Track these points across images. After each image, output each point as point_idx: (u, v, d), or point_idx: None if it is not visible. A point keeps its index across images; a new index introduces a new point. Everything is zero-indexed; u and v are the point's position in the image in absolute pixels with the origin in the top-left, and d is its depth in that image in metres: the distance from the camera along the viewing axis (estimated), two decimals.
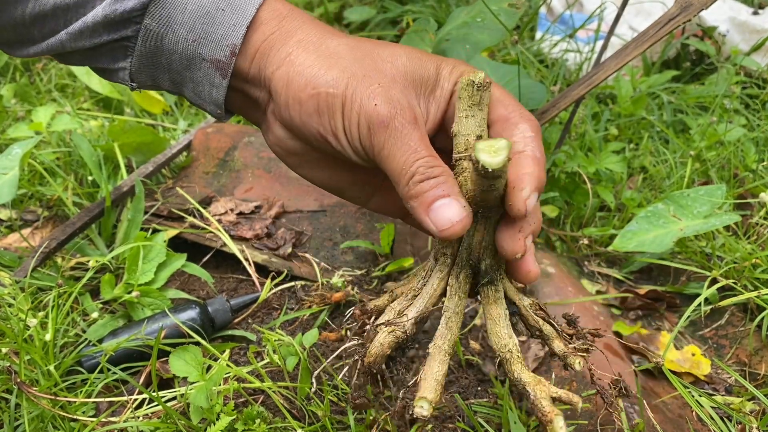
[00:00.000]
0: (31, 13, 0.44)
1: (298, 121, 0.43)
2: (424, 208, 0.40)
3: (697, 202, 0.84)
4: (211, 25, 0.43)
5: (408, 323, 0.45)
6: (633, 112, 1.20)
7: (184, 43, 0.44)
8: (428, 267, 0.48)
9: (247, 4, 0.44)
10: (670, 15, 0.65)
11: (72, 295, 0.73)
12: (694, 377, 0.73)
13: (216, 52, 0.44)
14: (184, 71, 0.45)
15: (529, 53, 1.32)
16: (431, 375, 0.44)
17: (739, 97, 1.23)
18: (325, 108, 0.42)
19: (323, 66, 0.42)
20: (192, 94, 0.47)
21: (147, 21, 0.43)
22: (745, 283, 0.79)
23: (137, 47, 0.44)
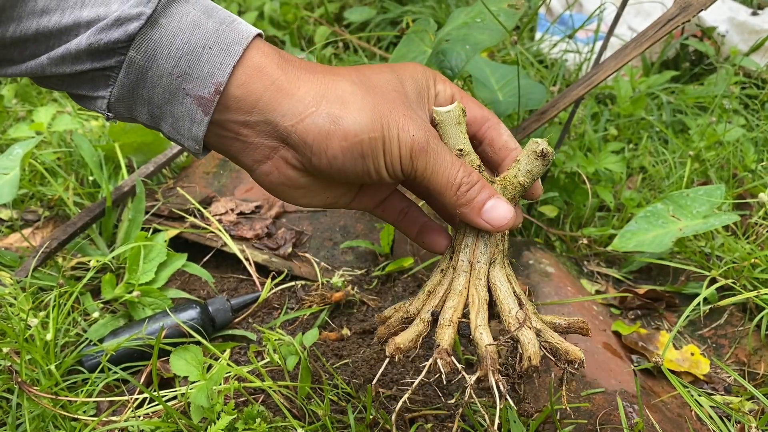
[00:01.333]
0: (12, 36, 0.43)
1: (340, 165, 0.46)
2: (476, 212, 0.48)
3: (697, 202, 0.85)
4: (197, 62, 0.44)
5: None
6: (632, 112, 1.20)
7: (168, 78, 0.44)
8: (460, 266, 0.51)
9: (234, 44, 0.44)
10: (670, 15, 0.66)
11: (73, 295, 0.73)
12: (693, 377, 0.73)
13: (200, 89, 0.44)
14: (165, 105, 0.45)
15: (528, 54, 1.33)
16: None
17: (738, 98, 1.24)
18: (369, 151, 0.46)
19: (354, 113, 0.45)
20: (170, 128, 0.47)
21: (132, 53, 0.43)
22: (744, 282, 0.80)
23: (119, 78, 0.44)
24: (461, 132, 0.50)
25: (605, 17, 1.34)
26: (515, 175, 0.50)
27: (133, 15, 0.42)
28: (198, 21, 0.44)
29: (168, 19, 0.43)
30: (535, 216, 0.95)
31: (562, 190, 0.97)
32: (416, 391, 0.68)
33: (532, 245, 0.89)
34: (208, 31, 0.44)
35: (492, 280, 0.50)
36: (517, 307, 0.48)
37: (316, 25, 1.58)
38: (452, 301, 0.49)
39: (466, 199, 0.47)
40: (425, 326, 0.49)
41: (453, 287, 0.49)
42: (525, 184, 0.50)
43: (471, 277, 0.49)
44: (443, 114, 0.49)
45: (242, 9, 1.60)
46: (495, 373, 0.45)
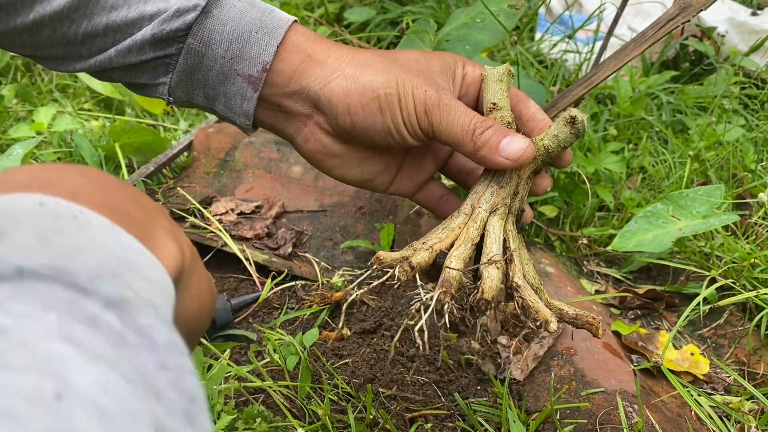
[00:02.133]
0: (84, 32, 0.49)
1: (361, 122, 0.50)
2: (493, 151, 0.49)
3: (696, 202, 0.85)
4: (245, 45, 0.49)
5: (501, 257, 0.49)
6: (632, 112, 1.20)
7: (221, 61, 0.50)
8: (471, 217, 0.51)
9: (277, 28, 0.50)
10: (669, 15, 0.66)
11: None
12: (693, 376, 0.73)
13: (249, 68, 0.50)
14: (219, 86, 0.51)
15: (528, 54, 1.33)
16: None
17: (737, 98, 1.24)
18: (386, 106, 0.49)
19: (371, 73, 0.49)
20: (224, 107, 0.52)
21: (190, 40, 0.49)
22: (744, 282, 0.80)
23: (179, 64, 0.50)
24: (501, 89, 0.51)
25: (605, 17, 1.34)
26: (542, 138, 0.51)
27: (189, 6, 0.48)
28: (244, 10, 0.50)
29: (219, 10, 0.49)
30: (535, 216, 0.95)
31: (562, 190, 0.97)
32: (416, 391, 0.68)
33: (531, 245, 0.90)
34: (253, 18, 0.50)
35: (487, 227, 0.50)
36: (499, 252, 0.48)
37: (316, 26, 1.59)
38: (441, 233, 0.50)
39: (482, 141, 0.49)
40: (412, 252, 0.49)
41: (447, 224, 0.51)
42: (549, 148, 0.51)
43: (469, 219, 0.50)
44: (489, 70, 0.52)
45: None
46: (446, 294, 0.45)
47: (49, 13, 0.48)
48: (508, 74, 0.51)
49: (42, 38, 0.49)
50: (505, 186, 0.51)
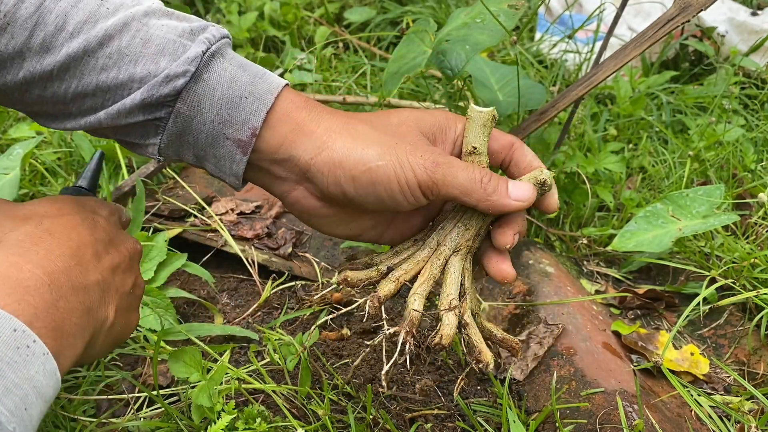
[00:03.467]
0: (74, 92, 0.49)
1: (353, 194, 0.50)
2: (505, 195, 0.51)
3: (696, 202, 0.85)
4: (235, 110, 0.50)
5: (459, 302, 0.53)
6: (632, 112, 1.20)
7: (210, 125, 0.50)
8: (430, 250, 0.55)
9: (266, 93, 0.50)
10: (669, 15, 0.66)
11: None
12: (692, 376, 0.73)
13: (239, 132, 0.50)
14: (208, 148, 0.51)
15: (528, 54, 1.33)
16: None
17: (737, 98, 1.24)
18: (378, 179, 0.49)
19: (363, 146, 0.50)
20: (213, 167, 0.53)
21: (179, 105, 0.49)
22: (744, 282, 0.80)
23: (168, 127, 0.50)
24: (483, 134, 0.53)
25: (605, 17, 1.34)
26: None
27: (180, 72, 0.48)
28: (234, 75, 0.50)
29: (209, 75, 0.49)
30: (535, 216, 0.95)
31: (562, 190, 0.97)
32: (416, 391, 0.68)
33: (531, 245, 0.90)
34: (244, 83, 0.50)
35: (448, 266, 0.53)
36: (456, 296, 0.52)
37: (316, 26, 1.59)
38: (407, 265, 0.53)
39: (492, 188, 0.51)
40: (378, 274, 0.53)
41: (414, 256, 0.54)
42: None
43: (433, 254, 0.53)
44: (475, 111, 0.53)
45: (242, 9, 1.60)
46: (408, 334, 0.49)
47: (39, 72, 0.48)
48: (492, 119, 0.53)
49: (32, 96, 0.50)
50: (470, 228, 0.54)
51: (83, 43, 0.47)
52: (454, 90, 0.97)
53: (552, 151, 0.96)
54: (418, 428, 0.64)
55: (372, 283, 0.53)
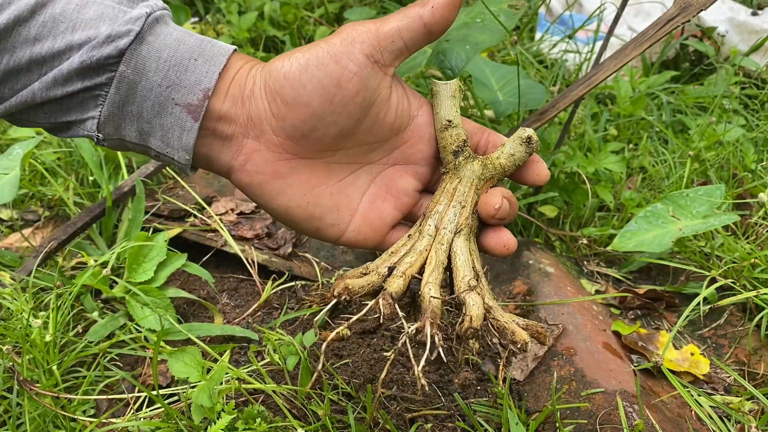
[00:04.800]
0: (5, 69, 0.44)
1: (291, 96, 0.46)
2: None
3: (696, 202, 0.85)
4: (184, 72, 0.46)
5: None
6: (632, 112, 1.20)
7: (157, 89, 0.46)
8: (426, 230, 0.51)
9: (217, 55, 0.47)
10: (669, 15, 0.66)
11: (72, 295, 0.73)
12: (693, 377, 0.73)
13: (188, 96, 0.46)
14: (154, 118, 0.47)
15: (528, 54, 1.33)
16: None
17: (737, 98, 1.24)
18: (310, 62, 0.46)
19: (295, 53, 0.46)
20: (160, 142, 0.48)
21: (122, 68, 0.45)
22: (744, 282, 0.80)
23: (110, 95, 0.45)
24: (453, 105, 0.51)
25: (605, 17, 1.34)
26: (498, 156, 0.51)
27: (122, 32, 0.44)
28: (181, 38, 0.47)
29: (154, 37, 0.46)
30: (535, 216, 0.95)
31: (562, 190, 0.97)
32: (416, 391, 0.68)
33: (532, 245, 0.89)
34: (191, 46, 0.47)
35: (454, 248, 0.50)
36: (472, 275, 0.48)
37: (316, 26, 1.58)
38: (410, 258, 0.49)
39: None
40: (379, 278, 0.48)
41: (414, 247, 0.50)
42: (506, 166, 0.51)
43: (434, 241, 0.50)
44: (440, 85, 0.50)
45: (242, 9, 1.60)
46: (433, 326, 0.44)
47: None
48: (458, 90, 0.51)
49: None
50: (466, 205, 0.50)
51: (14, 13, 0.43)
52: None
53: (552, 151, 0.96)
54: (418, 428, 0.64)
55: (375, 288, 0.48)
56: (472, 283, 0.47)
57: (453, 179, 0.51)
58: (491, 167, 0.51)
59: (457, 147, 0.50)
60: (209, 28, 1.57)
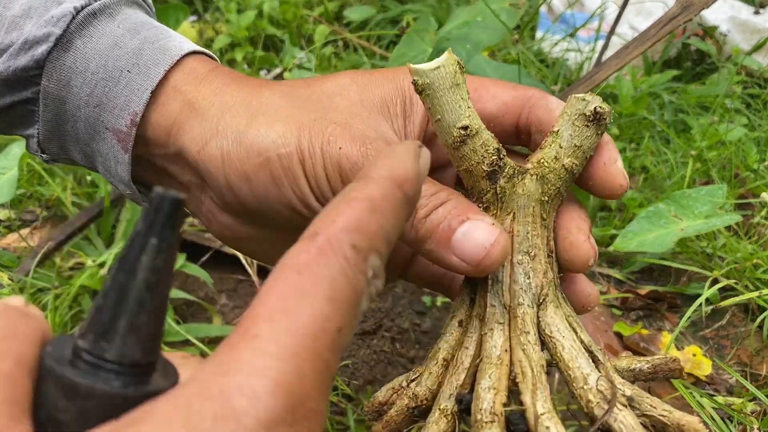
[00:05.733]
0: None
1: (251, 201, 0.35)
2: (443, 245, 0.31)
3: (698, 202, 0.84)
4: (113, 88, 0.36)
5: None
6: (634, 111, 1.20)
7: (85, 110, 0.37)
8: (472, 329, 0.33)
9: (155, 64, 0.36)
10: (671, 14, 0.65)
11: (69, 296, 0.72)
12: (695, 378, 0.73)
13: (117, 120, 0.36)
14: (91, 142, 0.38)
15: (529, 53, 1.32)
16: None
17: (740, 97, 1.23)
18: (281, 174, 0.33)
19: (263, 125, 0.34)
20: (103, 169, 0.39)
21: (44, 82, 0.36)
22: (746, 283, 0.79)
23: (40, 112, 0.37)
24: (461, 98, 0.31)
25: (607, 16, 1.33)
26: (555, 155, 0.32)
27: (40, 37, 0.35)
28: (119, 40, 0.36)
29: (84, 41, 0.36)
30: None
31: None
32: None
33: None
34: (128, 51, 0.36)
35: (546, 331, 0.32)
36: (595, 372, 0.31)
37: (315, 24, 1.58)
38: (488, 377, 0.30)
39: (426, 229, 0.31)
40: (449, 424, 0.31)
41: (486, 352, 0.31)
42: (572, 167, 0.32)
43: (513, 332, 0.31)
44: (429, 73, 0.31)
45: (241, 8, 1.60)
46: None
47: None
48: (460, 70, 0.32)
49: None
50: (537, 251, 0.32)
51: None
52: None
53: None
54: (418, 430, 0.63)
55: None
56: (606, 389, 0.30)
57: (501, 217, 0.33)
58: (553, 177, 0.32)
59: (491, 165, 0.32)
60: (208, 27, 1.57)
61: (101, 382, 0.19)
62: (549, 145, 0.33)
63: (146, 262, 0.19)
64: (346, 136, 0.33)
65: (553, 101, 0.35)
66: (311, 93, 0.36)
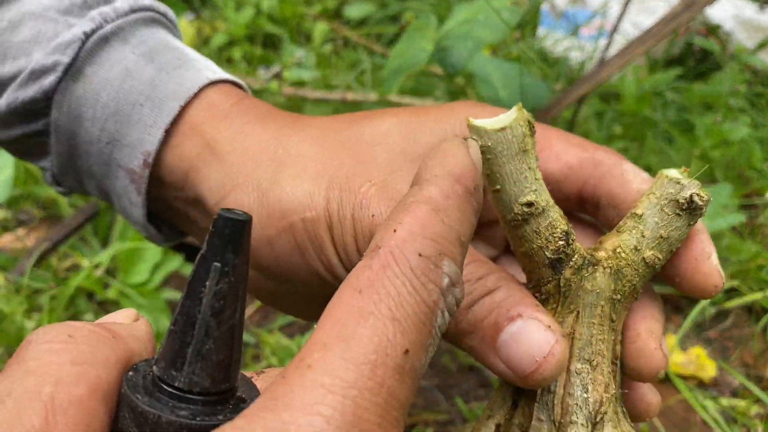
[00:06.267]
0: None
1: (273, 266, 0.31)
2: (488, 345, 0.26)
3: None
4: (126, 124, 0.33)
5: None
6: (637, 110, 1.19)
7: (97, 145, 0.34)
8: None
9: (169, 98, 0.32)
10: (675, 12, 0.64)
11: (66, 297, 0.72)
12: (698, 380, 0.72)
13: (129, 160, 0.33)
14: (105, 179, 0.35)
15: (531, 51, 1.31)
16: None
17: (744, 96, 1.22)
18: (306, 241, 0.29)
19: (287, 181, 0.30)
20: (119, 207, 0.36)
21: (54, 114, 0.33)
22: (751, 284, 0.78)
23: (52, 145, 0.35)
24: (528, 168, 0.26)
25: (609, 14, 1.32)
26: (636, 245, 0.27)
27: (48, 66, 0.32)
28: (132, 68, 0.33)
29: (95, 68, 0.33)
30: None
31: None
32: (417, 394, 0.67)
33: None
34: (143, 81, 0.33)
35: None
36: None
37: (314, 21, 1.57)
38: None
39: (469, 322, 0.26)
40: None
41: None
42: (655, 262, 0.27)
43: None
44: (492, 134, 0.25)
45: (239, 5, 1.59)
46: None
47: None
48: (530, 131, 0.26)
49: None
50: (600, 361, 0.27)
51: None
52: (456, 88, 0.96)
53: None
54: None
55: None
56: None
57: (562, 314, 0.27)
58: (630, 272, 0.27)
59: (556, 252, 0.26)
60: (206, 25, 1.56)
61: (168, 411, 0.18)
62: (629, 230, 0.27)
63: (210, 288, 0.18)
64: (383, 198, 0.29)
65: (630, 170, 0.30)
66: (347, 138, 0.31)
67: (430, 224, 0.19)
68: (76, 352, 0.19)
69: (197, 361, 0.19)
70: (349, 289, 0.18)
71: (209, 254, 0.18)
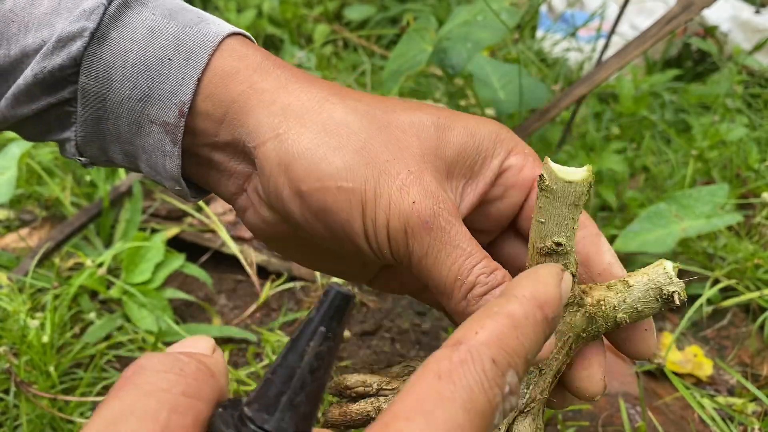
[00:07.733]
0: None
1: (298, 217, 0.33)
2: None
3: (700, 202, 0.84)
4: (156, 79, 0.34)
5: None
6: (635, 111, 1.20)
7: (128, 104, 0.35)
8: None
9: (198, 49, 0.34)
10: (672, 14, 0.65)
11: (69, 296, 0.72)
12: (696, 378, 0.73)
13: (163, 113, 0.34)
14: (134, 139, 0.36)
15: (530, 52, 1.32)
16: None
17: (741, 97, 1.23)
18: (336, 207, 0.32)
19: (329, 147, 0.32)
20: (146, 167, 0.37)
21: (83, 80, 0.35)
22: (747, 283, 0.79)
23: (78, 113, 0.36)
24: (573, 218, 0.31)
25: (607, 15, 1.33)
26: (616, 305, 0.33)
27: (74, 32, 0.34)
28: (156, 27, 0.35)
29: (120, 32, 0.34)
30: None
31: None
32: None
33: None
34: (168, 38, 0.34)
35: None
36: None
37: (315, 23, 1.58)
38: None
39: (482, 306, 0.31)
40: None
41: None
42: (622, 322, 0.34)
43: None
44: (561, 182, 0.30)
45: (240, 7, 1.59)
46: None
47: None
48: (588, 190, 0.31)
49: None
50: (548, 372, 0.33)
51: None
52: (455, 89, 0.97)
53: (554, 151, 0.95)
54: None
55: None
56: None
57: None
58: (601, 321, 0.34)
59: None
60: None
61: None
62: (616, 292, 0.34)
63: (313, 348, 0.21)
64: (420, 189, 0.32)
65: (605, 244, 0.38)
66: (389, 123, 0.34)
67: (507, 337, 0.23)
68: (186, 386, 0.21)
69: (288, 409, 0.21)
70: (429, 373, 0.21)
71: (317, 319, 0.22)
